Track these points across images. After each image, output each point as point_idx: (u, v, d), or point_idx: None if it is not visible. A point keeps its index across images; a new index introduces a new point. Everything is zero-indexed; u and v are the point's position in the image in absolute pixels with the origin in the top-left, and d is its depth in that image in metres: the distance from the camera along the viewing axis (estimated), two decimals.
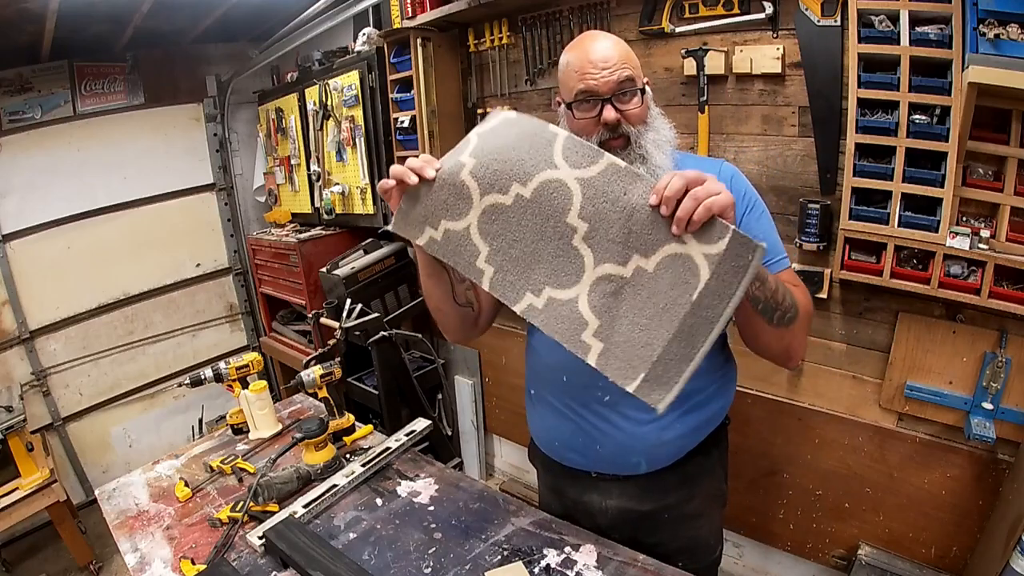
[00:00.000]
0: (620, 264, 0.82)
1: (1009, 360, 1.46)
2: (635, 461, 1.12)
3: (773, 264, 1.09)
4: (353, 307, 2.34)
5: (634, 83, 1.03)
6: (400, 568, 1.08)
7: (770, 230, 1.11)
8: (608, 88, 1.01)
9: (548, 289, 0.86)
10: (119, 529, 1.29)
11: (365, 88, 2.53)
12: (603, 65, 1.00)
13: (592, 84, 1.01)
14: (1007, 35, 1.21)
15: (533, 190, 0.85)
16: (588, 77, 1.01)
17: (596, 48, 1.02)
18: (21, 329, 2.95)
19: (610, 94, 1.01)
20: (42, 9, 2.22)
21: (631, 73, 1.02)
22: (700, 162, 1.16)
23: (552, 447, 1.23)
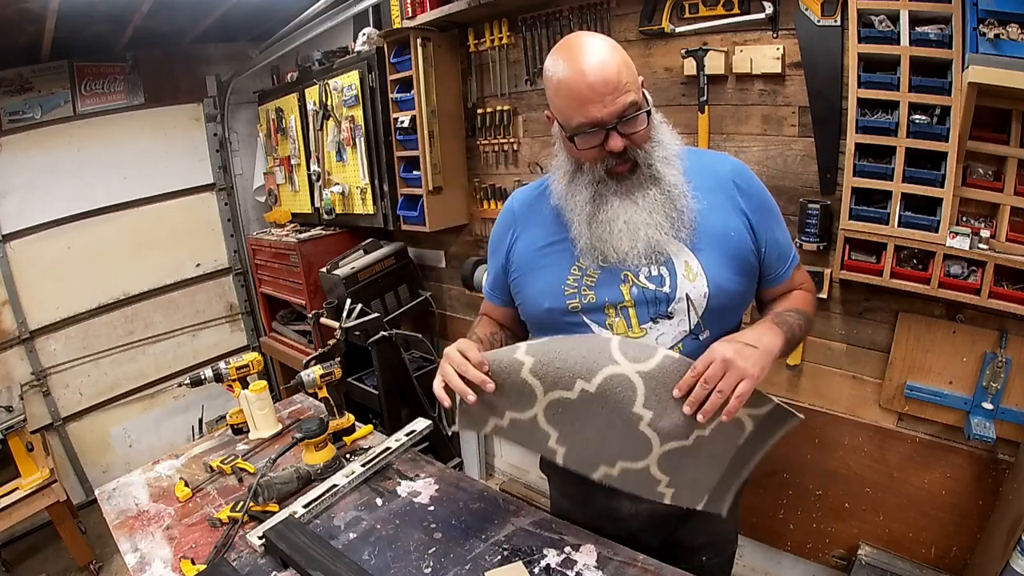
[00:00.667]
0: (683, 439, 0.94)
1: (1009, 360, 1.46)
2: None
3: (788, 267, 1.12)
4: (353, 307, 2.34)
5: (639, 106, 0.95)
6: (400, 568, 1.08)
7: (784, 232, 1.11)
8: (612, 117, 0.93)
9: (621, 462, 0.98)
10: (119, 529, 1.29)
11: (365, 88, 2.53)
12: (604, 91, 0.91)
13: (594, 116, 0.92)
14: (1007, 35, 1.21)
15: (598, 385, 0.92)
16: (590, 108, 0.92)
17: (594, 69, 0.91)
18: (21, 329, 2.95)
19: (614, 122, 0.93)
20: (42, 9, 2.22)
21: (635, 97, 0.94)
22: (707, 157, 1.13)
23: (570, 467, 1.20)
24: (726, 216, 1.04)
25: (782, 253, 1.10)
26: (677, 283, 1.01)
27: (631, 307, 1.03)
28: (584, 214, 1.02)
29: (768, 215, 1.08)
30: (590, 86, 0.91)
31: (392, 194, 2.60)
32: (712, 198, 1.04)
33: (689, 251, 1.02)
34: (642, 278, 1.03)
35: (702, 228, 1.02)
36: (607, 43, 0.95)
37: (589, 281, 1.05)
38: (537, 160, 2.30)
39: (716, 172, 1.07)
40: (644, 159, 0.99)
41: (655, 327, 1.03)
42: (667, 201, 1.00)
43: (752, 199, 1.06)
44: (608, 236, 1.01)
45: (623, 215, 1.00)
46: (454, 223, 2.60)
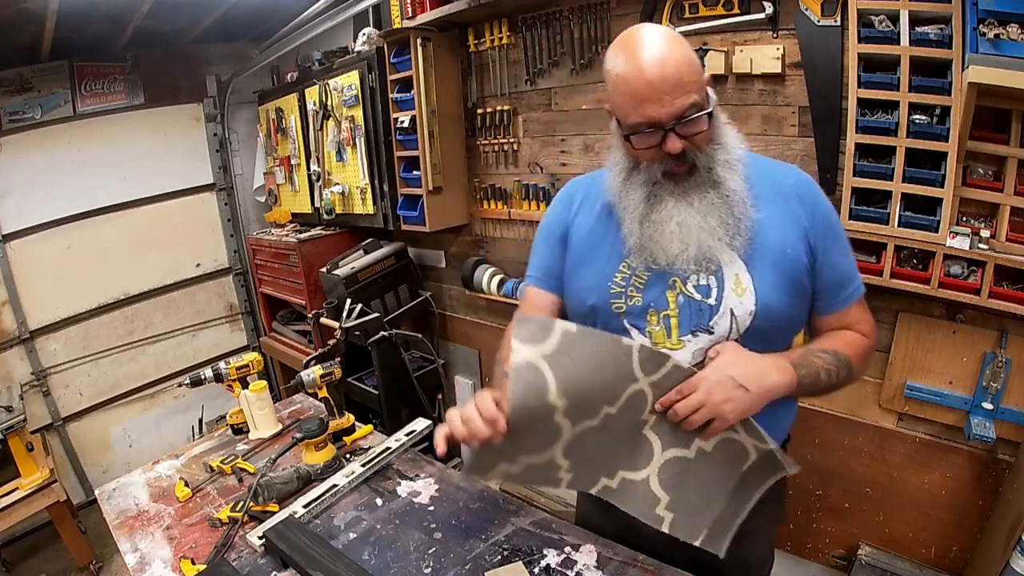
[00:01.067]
0: (685, 447, 0.93)
1: (1009, 360, 1.46)
2: None
3: (845, 299, 1.03)
4: (353, 307, 2.34)
5: (699, 105, 0.89)
6: (400, 568, 1.08)
7: (847, 259, 1.03)
8: (670, 117, 0.88)
9: (621, 471, 0.95)
10: (119, 529, 1.29)
11: (365, 88, 2.53)
12: (663, 90, 0.86)
13: (652, 116, 0.88)
14: (1007, 35, 1.21)
15: (619, 407, 0.90)
16: (647, 107, 0.87)
17: (653, 66, 0.86)
18: (21, 329, 2.95)
19: (673, 123, 0.88)
20: (42, 9, 2.22)
21: (696, 98, 0.88)
22: (771, 166, 1.05)
23: None
24: (784, 231, 0.97)
25: (840, 281, 1.02)
26: (724, 296, 0.96)
27: (674, 316, 0.99)
28: (637, 213, 0.98)
29: (831, 236, 1.00)
30: (648, 84, 0.86)
31: (392, 194, 2.60)
32: (772, 210, 0.98)
33: (742, 263, 0.96)
34: (689, 286, 0.98)
35: (758, 241, 0.96)
36: (669, 38, 0.89)
37: (638, 282, 1.01)
38: (537, 160, 2.30)
39: (779, 183, 1.00)
40: (704, 162, 0.94)
41: (694, 340, 0.99)
42: (724, 207, 0.94)
43: (815, 216, 0.98)
44: (659, 237, 0.97)
45: (676, 216, 0.95)
46: (454, 223, 2.60)
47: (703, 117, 0.90)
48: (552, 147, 2.25)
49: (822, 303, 1.03)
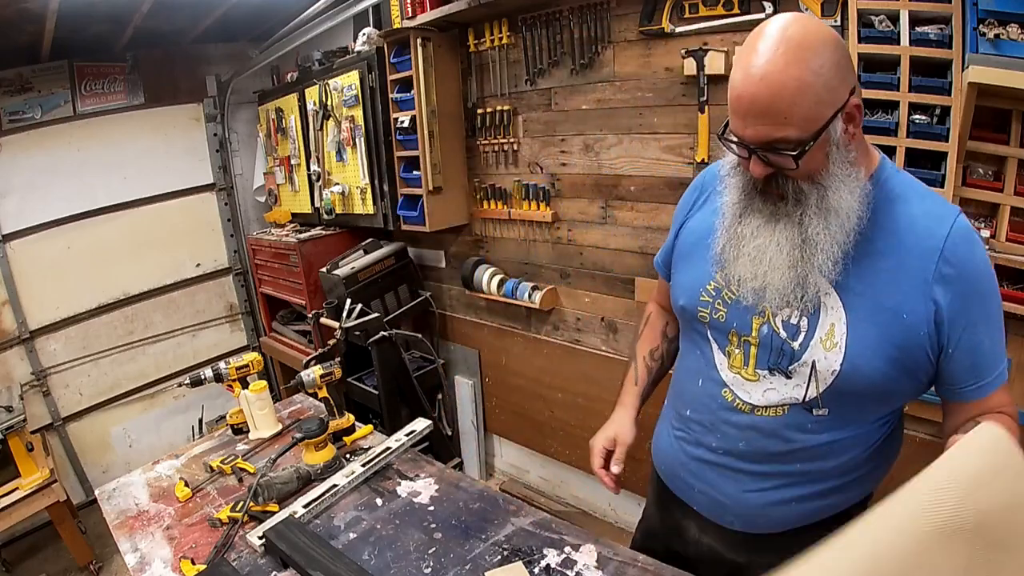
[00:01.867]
0: None
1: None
2: (729, 519, 1.03)
3: (985, 386, 0.85)
4: (353, 307, 2.34)
5: (792, 141, 0.77)
6: (400, 568, 1.08)
7: (993, 339, 0.85)
8: (754, 141, 0.79)
9: None
10: (119, 529, 1.29)
11: (365, 88, 2.53)
12: (751, 111, 0.77)
13: (738, 132, 0.81)
14: (1007, 35, 1.21)
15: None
16: (736, 120, 0.80)
17: (753, 83, 0.76)
18: (21, 329, 2.95)
19: (755, 147, 0.80)
20: (42, 9, 2.22)
21: (793, 133, 0.76)
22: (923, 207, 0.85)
23: (660, 467, 1.18)
24: (908, 291, 0.82)
25: (979, 365, 0.84)
26: (810, 344, 0.87)
27: (754, 344, 0.93)
28: (727, 218, 0.92)
29: (975, 310, 0.82)
30: (738, 99, 0.78)
31: (392, 194, 2.60)
32: (901, 261, 0.83)
33: (843, 313, 0.85)
34: (779, 320, 0.90)
35: (872, 293, 0.84)
36: (799, 51, 0.74)
37: (728, 296, 0.95)
38: (537, 160, 2.30)
39: (923, 231, 0.83)
40: (793, 195, 0.83)
41: (768, 378, 0.92)
42: (801, 252, 0.84)
43: (958, 282, 0.80)
44: (736, 255, 0.90)
45: (757, 239, 0.87)
46: (454, 223, 2.60)
47: (790, 156, 0.78)
48: (552, 147, 2.25)
49: (955, 388, 0.87)
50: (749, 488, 0.98)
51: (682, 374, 1.12)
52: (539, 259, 2.43)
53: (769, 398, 0.93)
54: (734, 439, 0.98)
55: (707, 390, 1.01)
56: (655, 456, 1.20)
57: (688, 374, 1.08)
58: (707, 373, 1.01)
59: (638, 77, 1.91)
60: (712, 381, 1.00)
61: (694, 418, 1.05)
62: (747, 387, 0.95)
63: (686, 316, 1.05)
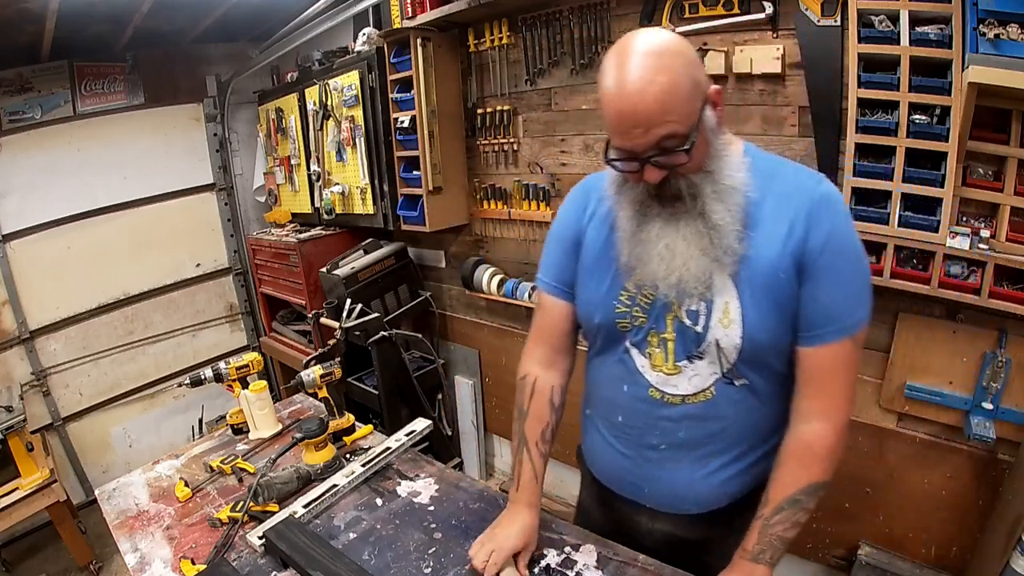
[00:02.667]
0: None
1: (1009, 360, 1.46)
2: (685, 507, 1.06)
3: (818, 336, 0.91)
4: (353, 307, 2.34)
5: (677, 137, 0.82)
6: (400, 568, 1.08)
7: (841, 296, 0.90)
8: (645, 149, 0.83)
9: None
10: (119, 529, 1.29)
11: (365, 88, 2.53)
12: (633, 123, 0.81)
13: (624, 144, 0.84)
14: (1007, 35, 1.21)
15: None
16: (620, 135, 0.84)
17: (627, 96, 0.80)
18: (21, 329, 2.95)
19: (648, 155, 0.84)
20: (42, 9, 2.22)
21: (676, 128, 0.81)
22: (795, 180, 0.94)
23: (600, 474, 1.18)
24: (781, 252, 0.89)
25: (818, 317, 0.91)
26: (710, 325, 0.94)
27: (671, 340, 0.98)
28: (627, 230, 0.96)
29: (826, 265, 0.89)
30: (620, 114, 0.82)
31: (392, 194, 2.60)
32: (774, 229, 0.90)
33: (734, 291, 0.92)
34: (684, 311, 0.96)
35: (753, 264, 0.91)
36: (661, 56, 0.80)
37: (643, 302, 0.99)
38: (537, 160, 2.30)
39: (791, 196, 0.91)
40: (689, 191, 0.89)
41: (690, 366, 0.97)
42: (708, 238, 0.90)
43: (817, 234, 0.88)
44: (647, 257, 0.94)
45: (664, 239, 0.92)
46: (454, 223, 2.60)
47: (679, 147, 0.83)
48: (552, 147, 2.25)
49: (798, 333, 0.93)
50: (700, 473, 1.03)
51: (603, 385, 1.10)
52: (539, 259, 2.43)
53: (696, 384, 0.98)
54: (673, 432, 1.01)
55: (635, 394, 1.03)
56: (593, 466, 1.20)
57: (611, 383, 1.08)
58: (631, 379, 1.03)
59: None
60: (637, 385, 1.03)
61: (628, 423, 1.06)
62: (673, 381, 0.99)
63: (603, 331, 1.05)
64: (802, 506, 0.95)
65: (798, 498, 0.94)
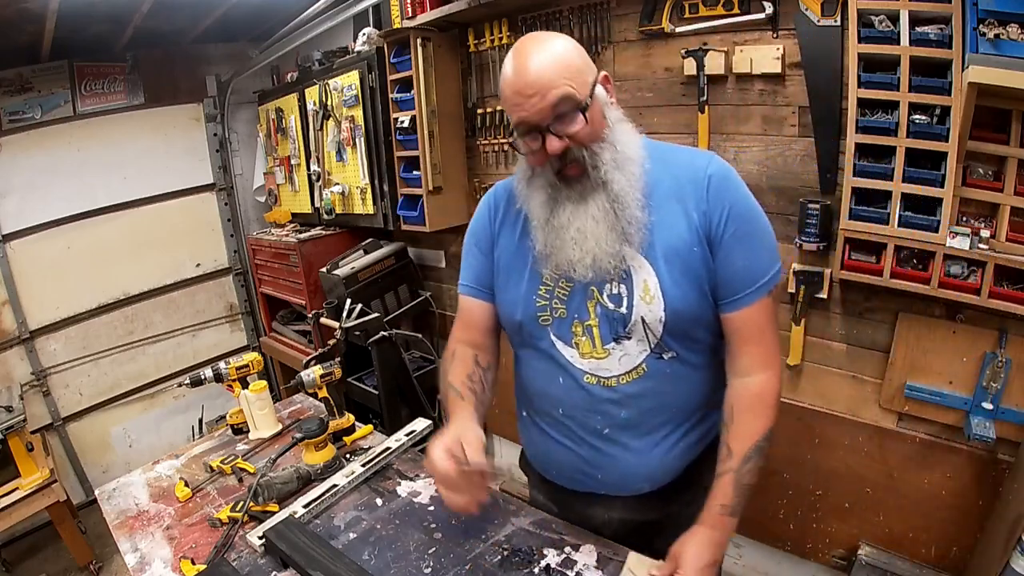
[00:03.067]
0: None
1: (1009, 360, 1.46)
2: (639, 485, 1.10)
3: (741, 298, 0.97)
4: (353, 307, 2.34)
5: (572, 100, 0.89)
6: (400, 568, 1.08)
7: (755, 258, 0.97)
8: (542, 117, 0.89)
9: None
10: (119, 529, 1.29)
11: (365, 88, 2.53)
12: (531, 92, 0.88)
13: (524, 116, 0.90)
14: (1007, 35, 1.21)
15: None
16: (520, 108, 0.90)
17: (524, 71, 0.89)
18: (21, 329, 2.95)
19: (547, 122, 0.89)
20: (42, 9, 2.22)
21: (566, 91, 0.88)
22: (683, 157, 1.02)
23: (550, 472, 1.20)
24: (688, 229, 0.96)
25: (732, 281, 0.97)
26: (633, 304, 0.98)
27: (595, 326, 1.01)
28: (540, 219, 1.00)
29: (734, 234, 0.95)
30: (518, 89, 0.90)
31: (392, 194, 2.60)
32: (678, 207, 0.97)
33: (650, 268, 0.97)
34: (605, 296, 1.00)
35: (664, 242, 0.96)
36: (548, 42, 0.92)
37: (561, 294, 1.03)
38: None
39: (688, 176, 0.98)
40: (590, 160, 0.93)
41: (618, 346, 1.01)
42: (613, 211, 0.94)
43: (718, 207, 0.95)
44: (561, 244, 0.97)
45: (576, 223, 0.96)
46: (454, 223, 2.60)
47: (578, 115, 0.90)
48: None
49: (721, 300, 0.99)
50: (647, 448, 1.06)
51: (537, 383, 1.12)
52: None
53: (626, 364, 1.01)
54: (615, 414, 1.04)
55: (569, 385, 1.06)
56: (541, 467, 1.22)
57: (544, 379, 1.10)
58: (563, 371, 1.06)
59: (638, 77, 1.91)
60: (570, 376, 1.05)
61: (569, 414, 1.08)
62: (604, 364, 1.02)
63: (525, 329, 1.07)
64: (763, 452, 0.99)
65: (761, 445, 0.98)
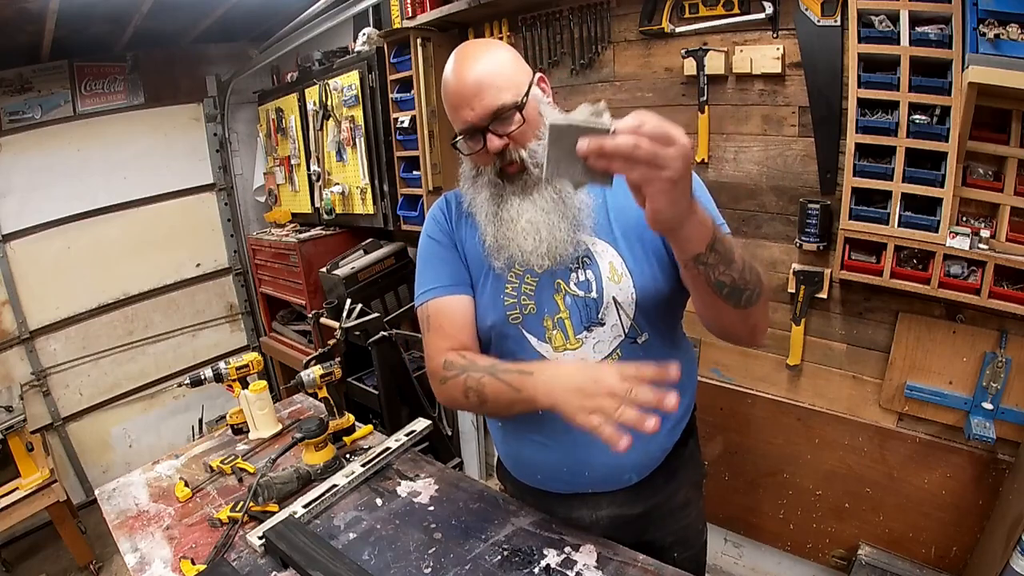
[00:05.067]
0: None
1: (1009, 360, 1.46)
2: (627, 477, 1.11)
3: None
4: (353, 307, 2.34)
5: (514, 106, 0.94)
6: (400, 568, 1.08)
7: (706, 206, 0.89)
8: (483, 119, 0.94)
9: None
10: (119, 529, 1.29)
11: (365, 88, 2.53)
12: (470, 94, 0.93)
13: (467, 118, 0.94)
14: (1007, 35, 1.21)
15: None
16: (462, 112, 0.95)
17: (463, 75, 0.94)
18: (21, 329, 2.95)
19: (487, 123, 0.94)
20: (42, 9, 2.22)
21: (508, 98, 0.93)
22: None
23: (535, 479, 1.19)
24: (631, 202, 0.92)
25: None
26: (603, 287, 1.00)
27: (566, 317, 1.02)
28: (488, 213, 1.01)
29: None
30: (458, 92, 0.94)
31: (392, 194, 2.60)
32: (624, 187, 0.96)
33: (614, 250, 1.00)
34: (572, 284, 1.01)
35: (621, 222, 1.00)
36: (487, 47, 0.97)
37: (528, 289, 1.03)
38: None
39: None
40: (529, 159, 0.97)
41: (590, 335, 1.01)
42: (561, 200, 0.98)
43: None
44: (513, 235, 0.99)
45: (525, 214, 0.98)
46: None
47: (514, 115, 0.94)
48: None
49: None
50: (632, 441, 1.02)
51: None
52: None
53: (601, 350, 1.02)
54: None
55: None
56: (524, 475, 1.21)
57: None
58: None
59: (638, 77, 1.91)
60: None
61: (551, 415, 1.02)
62: (579, 354, 1.03)
63: (496, 330, 1.06)
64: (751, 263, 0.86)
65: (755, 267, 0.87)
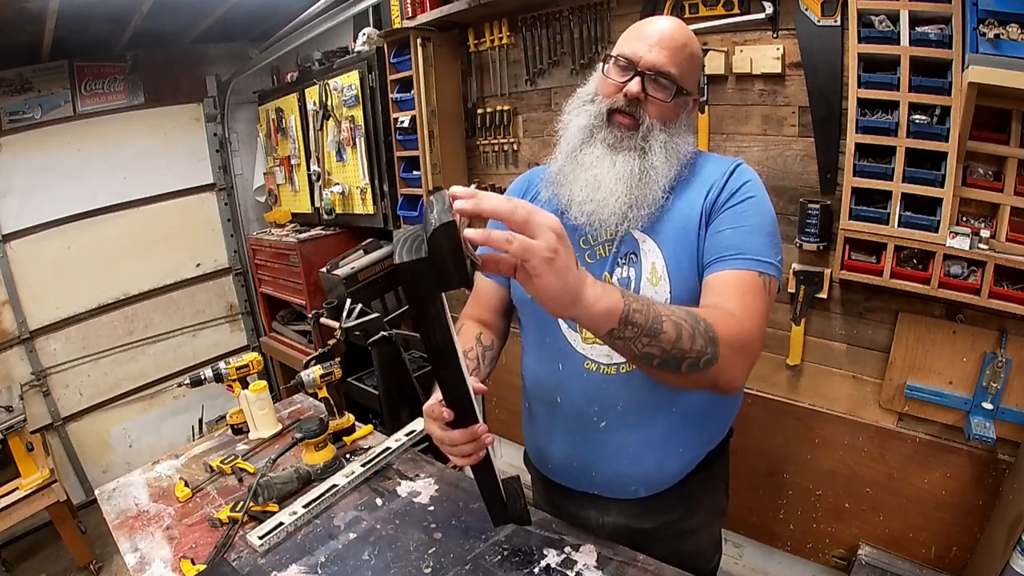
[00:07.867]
0: None
1: (1009, 360, 1.46)
2: (633, 489, 1.09)
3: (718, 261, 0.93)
4: (353, 307, 2.34)
5: (676, 83, 0.96)
6: (400, 568, 1.08)
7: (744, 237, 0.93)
8: (649, 64, 0.95)
9: None
10: (119, 529, 1.29)
11: (365, 88, 2.53)
12: (661, 42, 0.95)
13: (637, 51, 0.95)
14: (1007, 35, 1.21)
15: None
16: (639, 43, 0.96)
17: (671, 26, 0.97)
18: (21, 329, 2.95)
19: (645, 70, 0.95)
20: (42, 9, 2.22)
21: (677, 72, 0.95)
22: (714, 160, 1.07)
23: (546, 468, 1.20)
24: (696, 209, 0.98)
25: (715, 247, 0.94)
26: (640, 288, 0.99)
27: None
28: (572, 145, 1.02)
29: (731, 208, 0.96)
30: (653, 32, 0.96)
31: (392, 194, 2.60)
32: (696, 195, 0.99)
33: (659, 251, 0.99)
34: (614, 279, 1.01)
35: (674, 225, 0.99)
36: (688, 33, 0.99)
37: None
38: (537, 160, 2.30)
39: (716, 167, 1.02)
40: (646, 128, 0.97)
41: None
42: (638, 178, 0.96)
43: (729, 188, 0.97)
44: (574, 179, 1.00)
45: (596, 169, 0.98)
46: None
47: (670, 88, 0.96)
48: (552, 147, 2.25)
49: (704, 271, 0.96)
50: (643, 449, 1.04)
51: (539, 369, 1.13)
52: None
53: None
54: (612, 403, 1.03)
55: (571, 370, 1.05)
56: (540, 462, 1.21)
57: (547, 365, 1.09)
58: (564, 357, 1.05)
59: None
60: (572, 361, 1.05)
61: (567, 399, 1.07)
62: (605, 350, 1.01)
63: (532, 305, 0.99)
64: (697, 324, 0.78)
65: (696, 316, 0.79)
